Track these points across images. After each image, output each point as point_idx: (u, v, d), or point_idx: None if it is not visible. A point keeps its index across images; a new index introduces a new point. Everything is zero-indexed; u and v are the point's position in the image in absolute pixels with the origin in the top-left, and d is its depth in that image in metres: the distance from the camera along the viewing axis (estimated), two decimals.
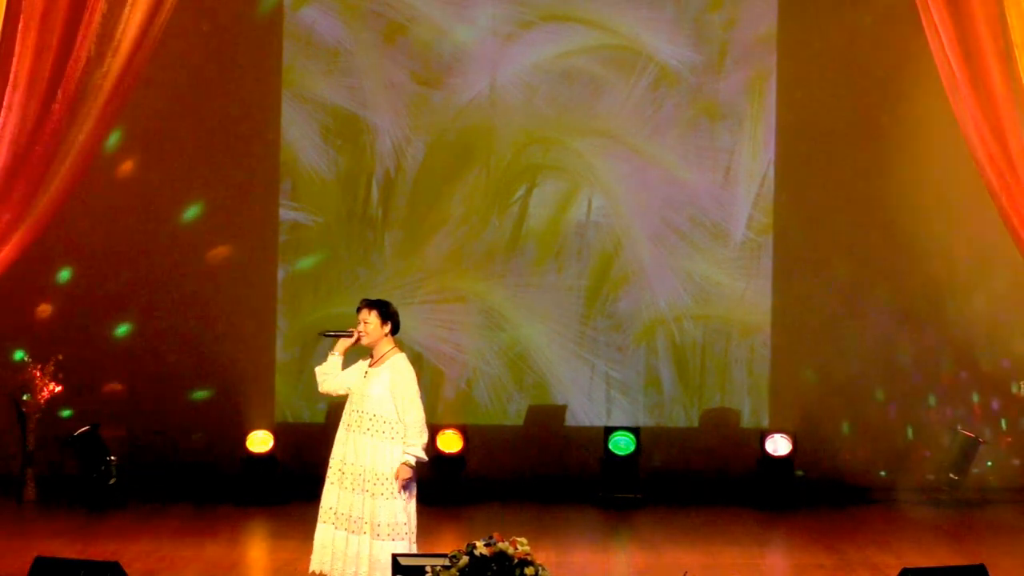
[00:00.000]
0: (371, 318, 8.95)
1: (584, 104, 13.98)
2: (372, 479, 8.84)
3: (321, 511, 9.06)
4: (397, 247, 14.09)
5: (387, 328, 8.98)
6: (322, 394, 9.23)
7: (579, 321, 14.06)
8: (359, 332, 8.95)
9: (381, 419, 8.86)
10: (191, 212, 13.89)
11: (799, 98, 13.91)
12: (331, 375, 9.06)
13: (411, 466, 8.82)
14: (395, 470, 8.81)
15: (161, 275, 13.86)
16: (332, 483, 9.00)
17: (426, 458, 8.93)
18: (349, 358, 9.09)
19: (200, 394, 13.98)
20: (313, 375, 9.15)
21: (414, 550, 8.90)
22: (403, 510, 8.87)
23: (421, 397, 8.96)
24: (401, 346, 9.08)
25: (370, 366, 8.97)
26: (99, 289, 13.85)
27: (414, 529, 8.98)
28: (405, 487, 8.85)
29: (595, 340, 14.07)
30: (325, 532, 9.01)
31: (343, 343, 9.02)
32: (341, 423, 9.04)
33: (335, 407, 13.86)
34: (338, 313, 13.82)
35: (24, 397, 13.07)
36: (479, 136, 14.04)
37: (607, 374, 14.07)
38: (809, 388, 13.93)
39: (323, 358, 9.12)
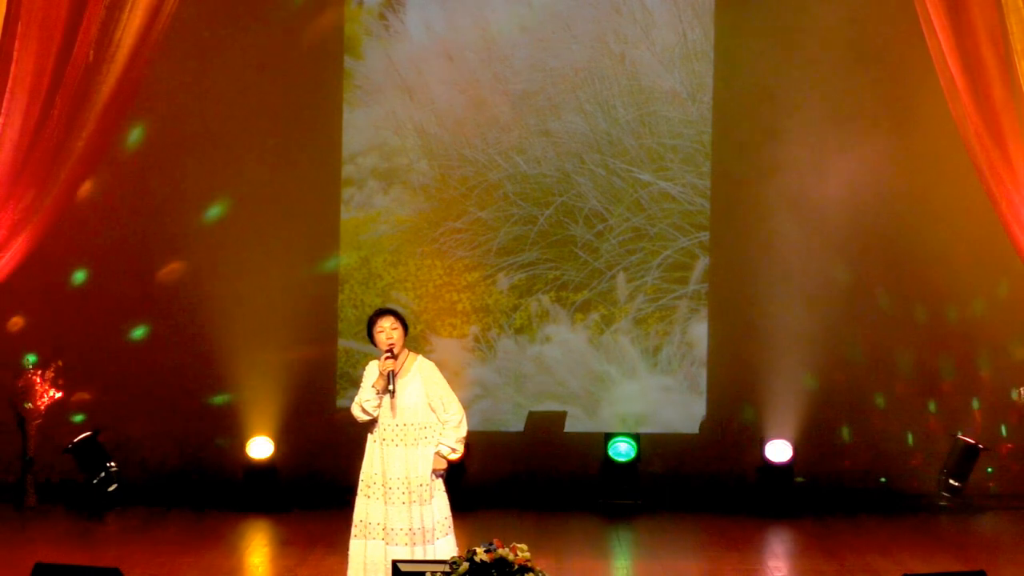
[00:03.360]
0: (398, 326, 8.92)
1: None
2: (418, 487, 8.83)
3: (358, 526, 8.93)
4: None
5: (405, 335, 8.96)
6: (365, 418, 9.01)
7: (579, 326, 14.05)
8: (391, 349, 8.84)
9: (421, 426, 8.86)
10: (190, 214, 13.90)
11: (798, 103, 13.90)
12: (373, 400, 8.89)
13: (445, 457, 8.86)
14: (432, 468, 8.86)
15: (161, 280, 13.86)
16: (373, 498, 8.89)
17: (460, 451, 8.92)
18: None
19: (201, 400, 13.97)
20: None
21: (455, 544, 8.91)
22: (445, 504, 8.92)
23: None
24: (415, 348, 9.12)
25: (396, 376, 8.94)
26: (99, 294, 13.86)
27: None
28: (440, 477, 8.88)
29: (595, 345, 14.06)
30: (359, 548, 8.89)
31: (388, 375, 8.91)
32: (375, 438, 8.94)
33: (335, 413, 13.89)
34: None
35: (26, 405, 13.06)
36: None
37: (607, 379, 14.07)
38: (809, 394, 13.92)
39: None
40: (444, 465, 8.88)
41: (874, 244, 13.90)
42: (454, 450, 8.88)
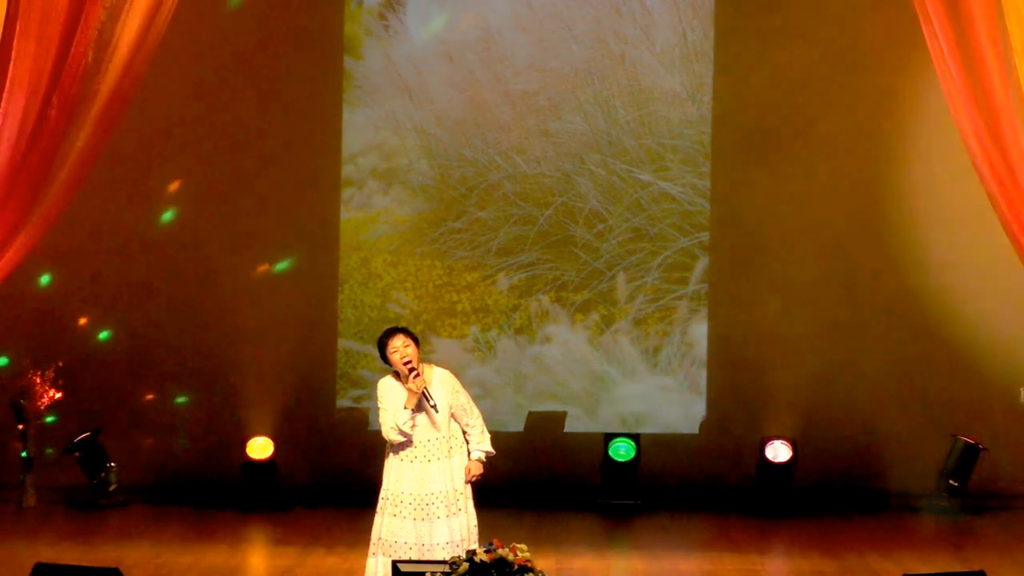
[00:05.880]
0: (410, 342, 8.83)
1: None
2: (456, 497, 8.80)
3: (378, 544, 8.72)
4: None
5: (418, 348, 8.88)
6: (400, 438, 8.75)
7: (579, 326, 14.05)
8: (413, 367, 8.70)
9: (452, 436, 8.83)
10: (190, 214, 13.90)
11: (798, 102, 13.90)
12: (410, 420, 8.70)
13: (483, 462, 8.86)
14: (467, 476, 8.82)
15: (161, 279, 13.86)
16: (400, 517, 8.71)
17: (494, 452, 8.93)
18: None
19: (201, 400, 13.97)
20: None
21: None
22: (474, 512, 8.90)
23: None
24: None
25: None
26: (99, 294, 13.86)
27: None
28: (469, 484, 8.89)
29: (595, 345, 14.06)
30: (377, 566, 8.69)
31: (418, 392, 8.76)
32: (405, 457, 8.73)
33: (335, 413, 13.89)
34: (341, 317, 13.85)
35: (23, 403, 13.07)
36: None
37: (607, 379, 14.07)
38: (809, 395, 13.91)
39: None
40: (481, 471, 8.86)
41: (874, 244, 13.89)
42: (488, 453, 8.89)
